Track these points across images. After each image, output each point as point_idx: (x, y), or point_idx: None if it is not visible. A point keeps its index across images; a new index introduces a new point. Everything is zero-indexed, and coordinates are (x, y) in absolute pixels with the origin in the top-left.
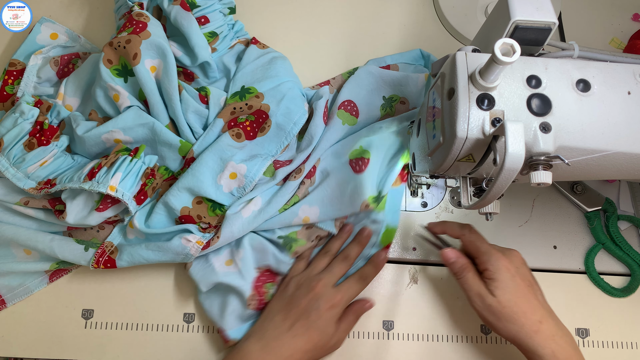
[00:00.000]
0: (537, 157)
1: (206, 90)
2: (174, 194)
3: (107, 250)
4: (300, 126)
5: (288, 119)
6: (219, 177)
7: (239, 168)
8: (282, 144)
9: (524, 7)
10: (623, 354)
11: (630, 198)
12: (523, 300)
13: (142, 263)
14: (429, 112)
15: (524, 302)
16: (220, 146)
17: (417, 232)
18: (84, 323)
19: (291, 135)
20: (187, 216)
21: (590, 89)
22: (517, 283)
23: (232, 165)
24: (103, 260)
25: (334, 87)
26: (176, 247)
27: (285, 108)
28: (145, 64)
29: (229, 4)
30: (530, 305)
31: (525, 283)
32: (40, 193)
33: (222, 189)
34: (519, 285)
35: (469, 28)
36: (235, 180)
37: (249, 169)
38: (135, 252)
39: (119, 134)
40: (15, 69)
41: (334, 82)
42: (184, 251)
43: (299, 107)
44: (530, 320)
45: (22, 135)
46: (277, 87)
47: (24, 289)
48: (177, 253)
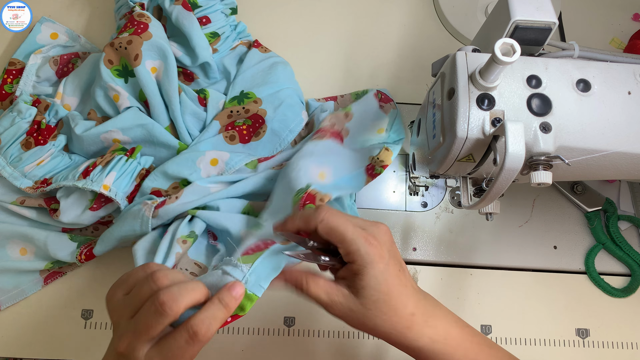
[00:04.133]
0: (537, 157)
1: (205, 93)
2: (149, 178)
3: (93, 244)
4: (296, 134)
5: (284, 126)
6: (199, 159)
7: (222, 155)
8: (275, 150)
9: (524, 7)
10: (623, 354)
11: (630, 198)
12: (395, 294)
13: (112, 243)
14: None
15: (396, 297)
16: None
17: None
18: (84, 323)
19: (286, 142)
20: (157, 191)
21: (590, 89)
22: (389, 274)
23: (215, 152)
24: (85, 251)
25: (340, 105)
26: (133, 211)
27: (282, 115)
28: (146, 65)
29: (230, 4)
30: (402, 297)
31: (396, 268)
32: (37, 192)
33: (200, 173)
34: (391, 275)
35: (469, 28)
36: (215, 168)
37: (232, 157)
38: (104, 233)
39: (118, 133)
40: (14, 68)
41: (341, 101)
42: (139, 214)
43: (296, 115)
44: (402, 317)
45: (20, 134)
46: (276, 93)
47: (18, 291)
48: (134, 216)
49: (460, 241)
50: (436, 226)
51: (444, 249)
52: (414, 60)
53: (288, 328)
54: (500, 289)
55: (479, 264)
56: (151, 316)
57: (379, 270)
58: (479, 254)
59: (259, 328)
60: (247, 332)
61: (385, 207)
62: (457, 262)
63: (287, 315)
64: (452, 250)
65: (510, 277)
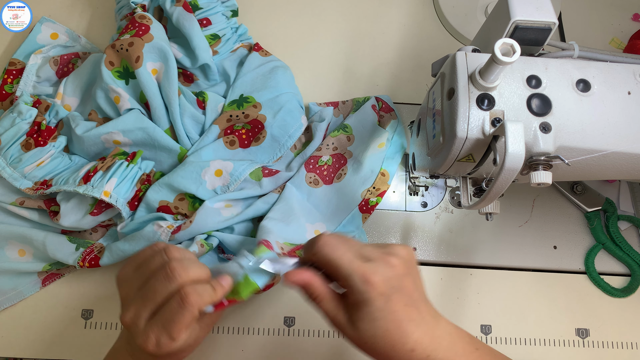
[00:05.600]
0: (537, 157)
1: (204, 96)
2: (153, 189)
3: (95, 250)
4: (295, 139)
5: (283, 131)
6: (203, 171)
7: (226, 165)
8: (275, 156)
9: (524, 7)
10: (623, 354)
11: (630, 198)
12: (393, 331)
13: (121, 257)
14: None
15: (393, 333)
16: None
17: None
18: (84, 323)
19: (285, 147)
20: (165, 207)
21: (590, 89)
22: (388, 311)
23: (219, 162)
24: (89, 259)
25: (341, 111)
26: (148, 233)
27: (282, 120)
28: (147, 67)
29: (231, 6)
30: (402, 334)
31: (403, 302)
32: (37, 193)
33: (206, 185)
34: (391, 312)
35: (469, 28)
36: (220, 179)
37: (236, 168)
38: (114, 247)
39: (119, 135)
40: (14, 68)
41: (342, 107)
42: (154, 237)
43: (295, 120)
44: (400, 353)
45: (20, 135)
46: (276, 98)
47: (16, 293)
48: (148, 239)
49: (460, 241)
50: (436, 226)
51: (444, 249)
52: (414, 60)
53: (288, 328)
54: (500, 289)
55: (479, 264)
56: (160, 281)
57: (376, 308)
58: (479, 254)
59: (259, 328)
60: (247, 332)
61: (385, 207)
62: (457, 262)
63: (287, 315)
64: (452, 250)
65: (510, 277)
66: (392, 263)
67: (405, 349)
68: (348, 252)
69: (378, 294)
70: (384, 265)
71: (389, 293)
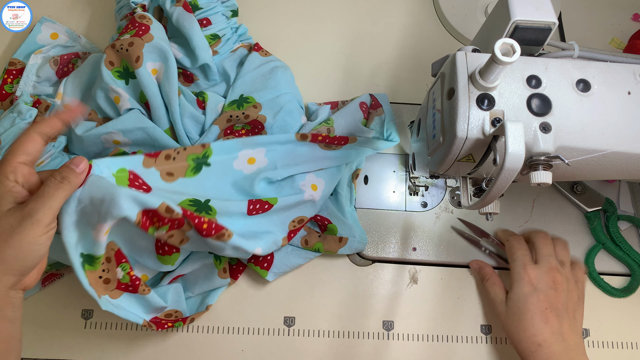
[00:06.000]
0: (537, 157)
1: (204, 96)
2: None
3: None
4: None
5: (283, 132)
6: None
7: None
8: None
9: (524, 7)
10: (623, 354)
11: (630, 198)
12: (528, 318)
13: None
14: (429, 112)
15: (529, 320)
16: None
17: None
18: (84, 323)
19: None
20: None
21: (590, 89)
22: (531, 302)
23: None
24: None
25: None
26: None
27: (282, 121)
28: (147, 67)
29: (231, 6)
30: (535, 325)
31: (543, 305)
32: None
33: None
34: (532, 303)
35: (469, 28)
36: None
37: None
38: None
39: (119, 135)
40: (14, 68)
41: (341, 107)
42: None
43: (295, 120)
44: (529, 340)
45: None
46: (276, 98)
47: None
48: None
49: (460, 241)
50: (436, 226)
51: (444, 248)
52: (414, 60)
53: (288, 328)
54: None
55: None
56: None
57: (522, 293)
58: (479, 254)
59: (259, 328)
60: (247, 332)
61: (385, 207)
62: (457, 262)
63: (287, 315)
64: (452, 250)
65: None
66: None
67: (533, 340)
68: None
69: (528, 282)
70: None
71: (538, 288)
